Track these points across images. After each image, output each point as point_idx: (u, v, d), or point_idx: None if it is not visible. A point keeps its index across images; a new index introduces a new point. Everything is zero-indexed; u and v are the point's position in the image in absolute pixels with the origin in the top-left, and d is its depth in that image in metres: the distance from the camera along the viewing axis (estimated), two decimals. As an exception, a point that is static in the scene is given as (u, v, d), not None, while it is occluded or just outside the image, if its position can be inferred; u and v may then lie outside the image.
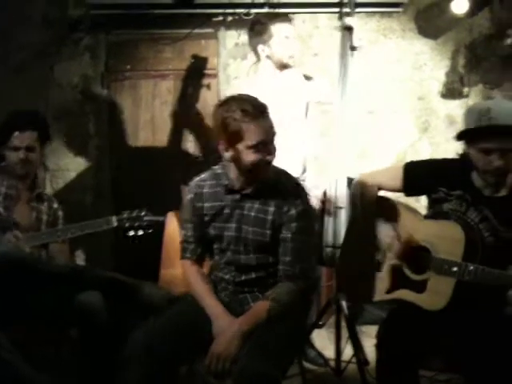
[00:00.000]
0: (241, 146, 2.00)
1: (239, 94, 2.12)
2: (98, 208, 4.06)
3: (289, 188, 2.11)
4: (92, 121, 4.15)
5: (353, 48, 2.89)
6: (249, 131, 1.97)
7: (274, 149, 2.05)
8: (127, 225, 2.47)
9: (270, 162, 2.04)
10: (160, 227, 2.92)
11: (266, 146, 2.01)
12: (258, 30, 3.05)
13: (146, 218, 2.46)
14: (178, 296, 2.35)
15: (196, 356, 2.14)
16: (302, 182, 2.27)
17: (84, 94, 4.13)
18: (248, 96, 2.07)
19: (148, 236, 2.69)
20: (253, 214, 2.09)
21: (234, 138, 1.99)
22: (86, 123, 4.14)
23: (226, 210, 2.13)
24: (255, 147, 1.99)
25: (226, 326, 1.98)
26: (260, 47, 3.05)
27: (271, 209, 2.08)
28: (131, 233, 2.46)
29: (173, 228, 3.38)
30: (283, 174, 2.18)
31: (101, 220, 2.47)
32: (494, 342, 1.92)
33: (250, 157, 2.00)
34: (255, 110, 1.98)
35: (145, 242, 2.80)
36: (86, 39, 4.11)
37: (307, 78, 3.15)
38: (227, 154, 2.05)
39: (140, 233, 2.45)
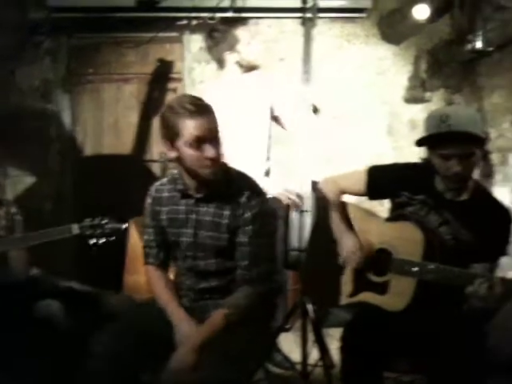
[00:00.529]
0: (180, 143, 1.96)
1: (183, 94, 2.10)
2: (59, 214, 3.99)
3: (245, 190, 2.06)
4: (54, 125, 4.07)
5: (315, 110, 2.91)
6: (186, 127, 1.93)
7: (218, 148, 1.97)
8: (89, 233, 2.42)
9: (213, 160, 1.96)
10: (123, 234, 2.87)
11: (205, 142, 1.94)
12: (218, 37, 3.03)
13: (108, 226, 2.42)
14: (141, 303, 2.31)
15: (159, 363, 2.10)
16: (263, 185, 2.24)
17: (45, 98, 4.06)
18: (191, 96, 2.06)
19: (112, 242, 2.64)
20: (208, 218, 2.06)
21: (173, 134, 1.96)
22: (47, 128, 4.06)
23: (182, 215, 2.10)
24: (193, 144, 1.94)
25: (188, 333, 1.96)
26: (227, 54, 3.03)
27: (226, 212, 2.05)
28: (93, 241, 2.41)
29: (135, 235, 3.34)
30: (239, 176, 2.14)
31: (62, 228, 2.42)
32: (456, 340, 1.94)
33: (188, 153, 1.95)
34: (194, 106, 1.95)
35: (109, 248, 2.75)
36: (46, 42, 4.05)
37: (273, 82, 3.15)
38: (171, 154, 2.01)
39: (102, 241, 2.40)
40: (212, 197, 2.07)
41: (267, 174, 3.16)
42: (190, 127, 1.93)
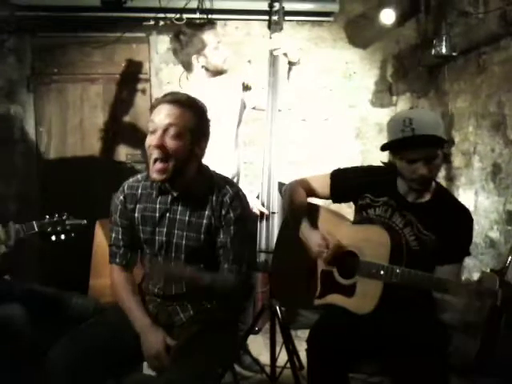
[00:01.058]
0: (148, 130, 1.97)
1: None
2: (24, 216, 3.87)
3: (228, 191, 2.02)
4: (17, 125, 3.99)
5: (292, 63, 2.91)
6: (153, 111, 1.95)
7: (167, 139, 1.90)
8: (49, 229, 2.37)
9: (155, 148, 1.89)
10: (86, 233, 2.82)
11: (156, 131, 1.91)
12: (185, 40, 2.99)
13: (67, 222, 2.38)
14: (105, 307, 2.26)
15: (123, 370, 2.06)
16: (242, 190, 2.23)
17: (9, 98, 3.97)
18: (177, 92, 2.05)
19: (77, 244, 2.59)
20: (186, 218, 2.02)
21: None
22: (11, 128, 3.98)
23: (158, 214, 2.05)
24: (150, 130, 1.93)
25: (154, 343, 1.91)
26: (194, 58, 3.01)
27: (206, 212, 2.01)
28: (53, 237, 2.36)
29: (101, 237, 3.29)
30: (219, 177, 2.10)
31: (22, 225, 2.36)
32: (421, 343, 1.95)
33: (146, 141, 1.96)
34: (165, 97, 1.96)
35: (74, 251, 2.69)
36: (10, 41, 3.97)
37: (242, 85, 3.14)
38: None
39: (62, 237, 2.35)
40: (189, 196, 2.02)
41: (236, 176, 3.15)
42: (153, 113, 1.94)
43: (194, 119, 1.96)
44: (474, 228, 2.12)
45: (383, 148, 2.07)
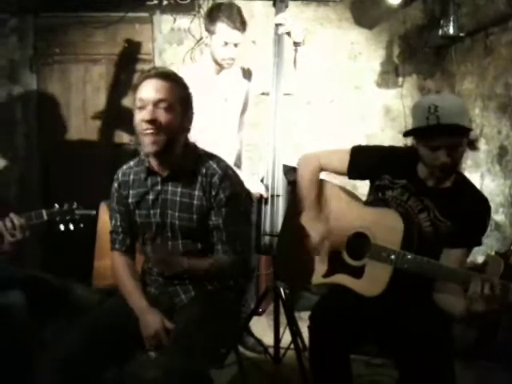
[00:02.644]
0: (135, 108, 1.97)
1: None
2: (25, 200, 3.89)
3: (215, 171, 2.02)
4: (19, 106, 3.97)
5: (297, 43, 2.87)
6: (139, 89, 1.95)
7: (160, 114, 1.91)
8: (58, 219, 2.36)
9: (148, 123, 1.90)
10: (92, 221, 2.81)
11: (147, 106, 1.92)
12: (212, 17, 2.91)
13: (77, 212, 2.36)
14: (107, 293, 2.26)
15: (124, 356, 2.07)
16: (235, 168, 2.20)
17: (11, 79, 3.94)
18: (161, 66, 2.06)
19: (83, 230, 2.58)
20: (178, 198, 2.03)
21: (134, 99, 1.97)
22: (13, 109, 3.95)
23: (150, 196, 2.06)
24: (139, 105, 1.94)
25: (152, 323, 1.93)
26: (205, 34, 2.97)
27: (196, 193, 2.02)
28: (62, 227, 2.35)
29: (106, 218, 3.26)
30: (209, 156, 2.09)
31: (30, 213, 2.35)
32: (425, 327, 1.94)
33: (136, 116, 1.96)
34: (151, 72, 1.97)
35: (78, 234, 2.67)
36: (12, 21, 3.92)
37: (246, 71, 3.10)
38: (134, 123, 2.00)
39: (71, 227, 2.34)
40: (178, 176, 2.03)
41: (239, 158, 3.13)
42: (140, 89, 1.94)
43: (181, 92, 1.99)
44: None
45: (406, 134, 2.04)
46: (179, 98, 1.97)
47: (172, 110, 1.94)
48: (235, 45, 2.89)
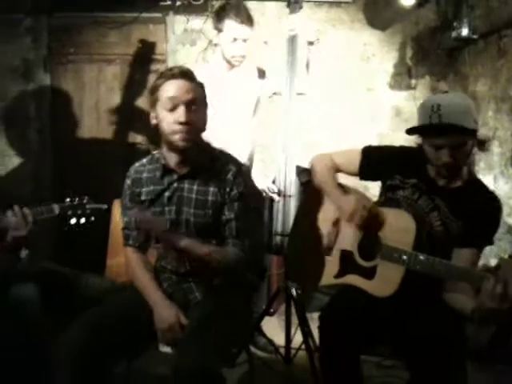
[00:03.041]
0: (158, 107, 1.99)
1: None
2: (38, 196, 3.91)
3: (229, 168, 2.06)
4: (33, 105, 4.00)
5: (310, 43, 2.88)
6: (163, 89, 1.97)
7: (193, 114, 1.97)
8: (69, 213, 2.37)
9: (184, 125, 1.95)
10: (104, 216, 2.83)
11: (179, 106, 1.96)
12: (220, 15, 2.94)
13: (88, 206, 2.38)
14: (121, 286, 2.27)
15: (138, 348, 2.08)
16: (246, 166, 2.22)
17: (26, 78, 3.98)
18: (178, 65, 2.09)
19: (96, 225, 2.59)
20: (193, 195, 2.06)
21: (154, 99, 2.00)
22: (27, 107, 3.99)
23: (166, 193, 2.09)
24: (167, 106, 1.96)
25: (167, 316, 1.94)
26: (214, 33, 3.00)
27: (211, 189, 2.05)
28: (73, 221, 2.36)
29: (119, 216, 3.29)
30: (222, 154, 2.14)
31: (42, 208, 2.36)
32: (437, 329, 1.94)
33: (162, 117, 1.98)
34: (175, 70, 1.99)
35: (92, 231, 2.67)
36: (26, 21, 3.96)
37: (261, 72, 3.11)
38: (153, 121, 2.04)
39: (82, 221, 2.35)
40: (195, 173, 2.06)
41: (251, 159, 3.14)
42: (166, 89, 1.97)
43: (203, 91, 2.06)
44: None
45: (409, 132, 2.04)
46: (203, 98, 2.04)
47: (199, 109, 2.01)
48: (244, 40, 2.92)
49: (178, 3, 3.88)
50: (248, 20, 2.92)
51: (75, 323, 1.91)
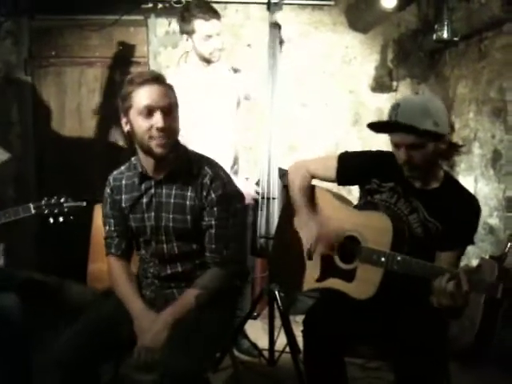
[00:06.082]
0: (132, 114, 1.95)
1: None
2: (21, 200, 3.86)
3: (206, 172, 2.04)
4: (15, 108, 3.97)
5: (281, 42, 2.88)
6: (137, 95, 1.93)
7: (169, 120, 1.94)
8: (46, 212, 2.34)
9: (161, 131, 1.92)
10: (84, 216, 2.80)
11: (155, 112, 1.92)
12: (186, 18, 2.96)
13: (66, 205, 2.35)
14: (103, 294, 2.24)
15: (119, 356, 2.06)
16: (231, 172, 2.20)
17: (6, 81, 3.94)
18: (151, 70, 2.07)
19: (76, 230, 2.56)
20: (171, 200, 2.04)
21: (127, 105, 1.96)
22: (8, 110, 3.96)
23: (144, 200, 2.07)
24: (143, 113, 1.92)
25: (147, 326, 1.92)
26: (186, 38, 2.99)
27: (189, 194, 2.03)
28: (51, 220, 2.33)
29: (100, 221, 3.27)
30: (199, 158, 2.11)
31: (18, 208, 2.34)
32: (420, 330, 1.94)
33: (138, 124, 1.94)
34: (147, 76, 1.96)
35: (73, 236, 2.65)
36: (7, 24, 3.93)
37: (236, 70, 3.11)
38: (125, 128, 2.01)
39: (60, 219, 2.33)
40: (172, 178, 2.04)
41: (235, 163, 3.13)
42: (140, 95, 1.93)
43: (174, 94, 2.03)
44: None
45: (368, 126, 2.06)
46: (176, 101, 2.01)
47: (174, 113, 1.99)
48: (217, 34, 2.92)
49: (160, 6, 3.87)
50: (214, 14, 2.93)
51: (59, 329, 1.90)
